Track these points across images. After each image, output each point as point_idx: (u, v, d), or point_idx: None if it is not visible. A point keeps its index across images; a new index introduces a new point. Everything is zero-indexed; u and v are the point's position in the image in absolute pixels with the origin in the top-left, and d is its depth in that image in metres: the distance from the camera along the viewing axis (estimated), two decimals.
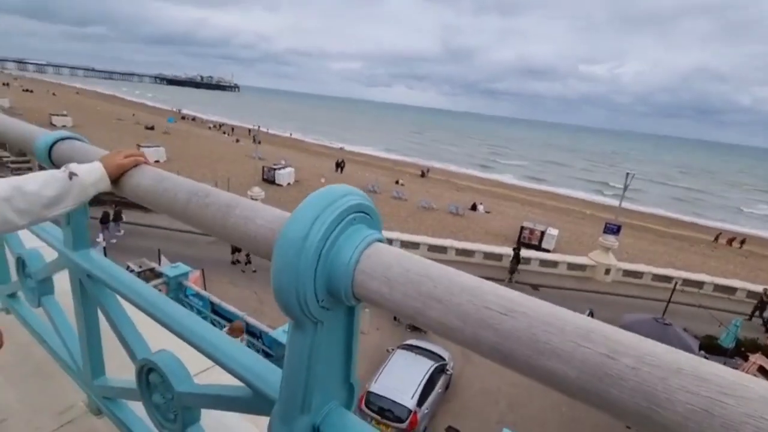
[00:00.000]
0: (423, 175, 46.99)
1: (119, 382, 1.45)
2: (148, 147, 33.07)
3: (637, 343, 0.44)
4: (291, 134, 77.95)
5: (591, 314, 13.53)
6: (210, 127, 69.09)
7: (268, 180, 30.29)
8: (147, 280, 13.15)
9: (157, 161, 32.50)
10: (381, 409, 8.62)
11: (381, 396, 8.76)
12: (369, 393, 8.90)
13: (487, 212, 32.17)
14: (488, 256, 20.13)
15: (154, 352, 1.18)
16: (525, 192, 48.53)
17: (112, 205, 17.85)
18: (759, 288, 19.54)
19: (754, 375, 7.73)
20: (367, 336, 12.54)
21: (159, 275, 11.60)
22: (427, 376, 9.31)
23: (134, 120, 57.50)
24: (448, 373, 10.45)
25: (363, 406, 8.75)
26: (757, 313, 17.30)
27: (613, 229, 19.66)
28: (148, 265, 14.86)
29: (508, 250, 19.77)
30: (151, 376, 1.18)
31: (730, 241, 34.34)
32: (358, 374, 0.81)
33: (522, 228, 24.62)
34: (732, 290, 19.26)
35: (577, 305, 15.68)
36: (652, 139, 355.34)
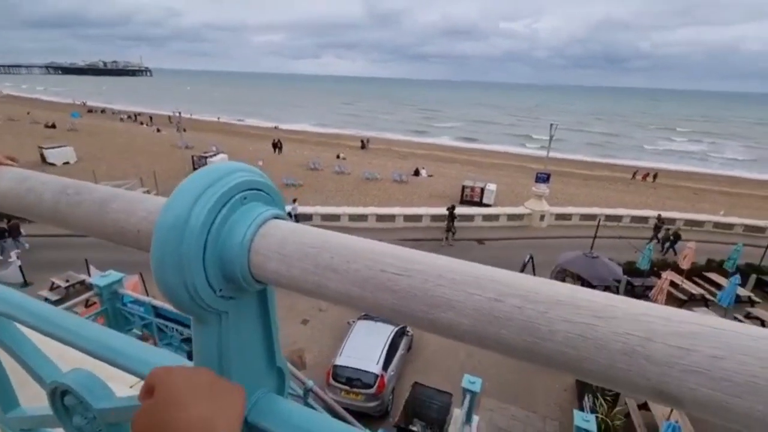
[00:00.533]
0: (363, 146, 46.64)
1: (35, 411, 1.32)
2: (53, 148, 29.22)
3: (522, 282, 0.45)
4: (219, 118, 72.80)
5: (531, 259, 14.69)
6: (123, 119, 62.38)
7: None
8: (77, 294, 11.98)
9: (66, 163, 28.95)
10: (349, 380, 8.84)
11: (347, 367, 8.97)
12: (335, 366, 9.06)
13: (430, 176, 32.95)
14: (410, 217, 20.57)
15: (66, 372, 1.07)
16: (462, 152, 50.21)
17: (2, 219, 15.85)
18: (668, 214, 22.35)
19: (667, 289, 8.88)
20: (326, 312, 12.61)
21: (90, 287, 10.61)
22: (389, 341, 9.65)
23: (30, 119, 50.12)
24: (408, 335, 10.91)
25: (331, 380, 8.92)
26: (655, 235, 19.79)
27: (543, 178, 21.11)
28: (76, 278, 13.48)
29: (440, 211, 20.26)
30: (66, 399, 1.07)
31: (644, 176, 38.72)
32: (283, 356, 0.78)
33: (463, 187, 25.63)
34: (645, 219, 21.83)
35: (518, 252, 16.91)
36: (569, 90, 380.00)
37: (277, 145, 40.48)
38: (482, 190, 24.85)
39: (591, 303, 0.41)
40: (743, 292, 13.88)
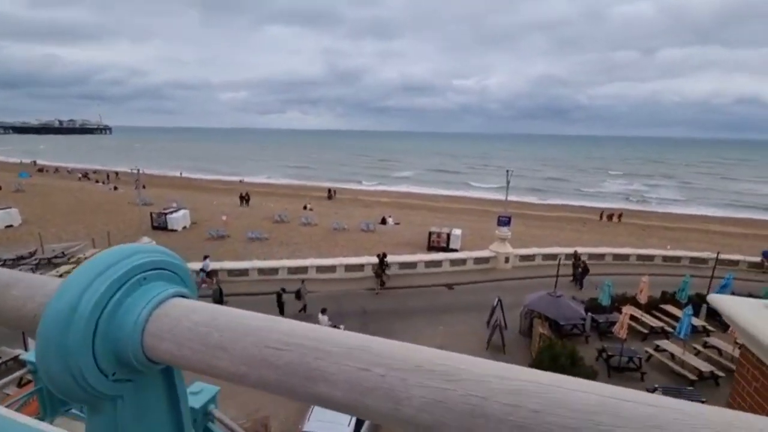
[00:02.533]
0: (330, 196, 47.03)
1: None
2: None
3: (390, 350, 0.49)
4: (181, 173, 71.64)
5: (500, 302, 14.81)
6: (80, 177, 59.97)
7: (159, 226, 27.26)
8: (9, 371, 10.64)
9: (9, 226, 26.98)
10: None
11: None
12: None
13: (397, 224, 33.39)
14: (352, 268, 20.22)
15: None
16: (427, 199, 51.67)
17: None
18: (622, 251, 23.61)
19: (628, 323, 9.10)
20: None
21: (24, 364, 9.49)
22: None
23: None
24: None
25: None
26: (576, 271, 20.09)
27: (505, 221, 21.96)
28: (9, 354, 12.09)
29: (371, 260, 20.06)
30: None
31: (609, 216, 40.78)
32: (191, 429, 0.75)
33: (430, 233, 26.07)
34: (601, 256, 22.90)
35: (486, 295, 17.06)
36: (519, 138, 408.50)
37: (244, 198, 40.01)
38: (448, 235, 25.36)
39: (444, 367, 0.46)
40: (698, 321, 14.54)
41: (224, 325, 0.55)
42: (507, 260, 21.70)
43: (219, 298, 15.52)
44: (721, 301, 3.26)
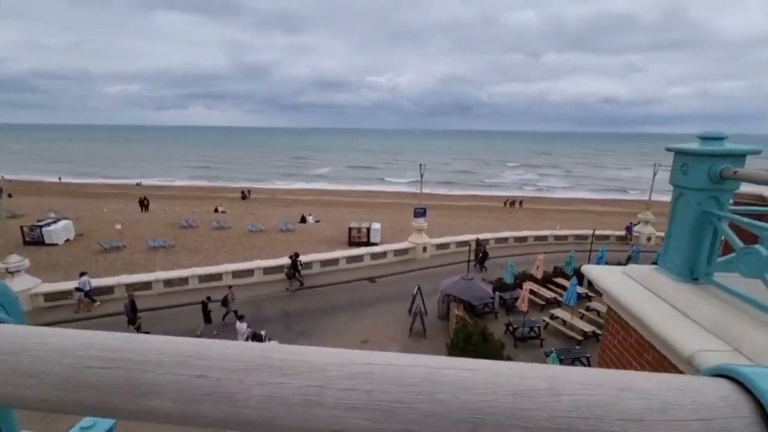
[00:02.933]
0: (244, 197, 44.46)
1: None
2: None
3: (229, 352, 0.48)
4: (60, 178, 61.44)
5: (419, 290, 15.51)
6: None
7: (35, 241, 23.13)
8: None
9: None
10: None
11: None
12: None
13: (317, 222, 32.90)
14: (272, 270, 19.12)
15: None
16: (345, 195, 51.79)
17: None
18: (521, 233, 26.33)
19: (528, 297, 10.21)
20: None
21: None
22: None
23: None
24: None
25: None
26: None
27: (420, 213, 23.00)
28: None
29: (277, 262, 19.26)
30: None
31: (512, 203, 45.05)
32: None
33: (350, 229, 26.19)
34: (505, 239, 25.34)
35: (406, 285, 17.75)
36: (430, 134, 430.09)
37: (143, 203, 35.82)
38: (368, 230, 25.75)
39: (284, 362, 0.46)
40: (581, 290, 16.93)
41: (32, 347, 0.49)
42: (425, 250, 22.80)
43: (132, 315, 13.71)
44: (590, 270, 3.84)
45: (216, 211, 35.39)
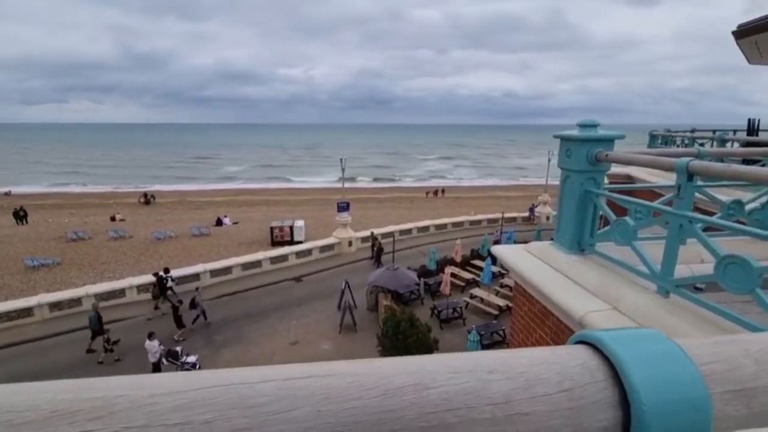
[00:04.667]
0: (147, 202, 39.95)
1: None
2: None
3: (14, 395, 0.36)
4: None
5: (347, 284, 15.49)
6: None
7: None
8: None
9: None
10: None
11: None
12: None
13: (235, 223, 30.93)
14: (186, 279, 17.60)
15: None
16: (265, 193, 49.50)
17: None
18: (440, 221, 27.70)
19: (450, 281, 10.81)
20: None
21: None
22: None
23: None
24: None
25: None
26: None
27: (344, 207, 22.90)
28: None
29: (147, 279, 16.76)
30: None
31: (435, 193, 47.00)
32: None
33: (272, 228, 25.10)
34: (426, 228, 26.50)
35: (334, 281, 17.61)
36: (350, 128, 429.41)
37: (19, 215, 30.12)
38: (291, 228, 24.93)
39: (90, 402, 0.37)
40: (495, 269, 18.43)
41: None
42: (350, 244, 22.80)
43: (97, 327, 12.87)
44: (497, 250, 4.15)
45: (113, 219, 31.28)
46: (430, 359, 0.42)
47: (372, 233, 22.84)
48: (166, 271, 16.40)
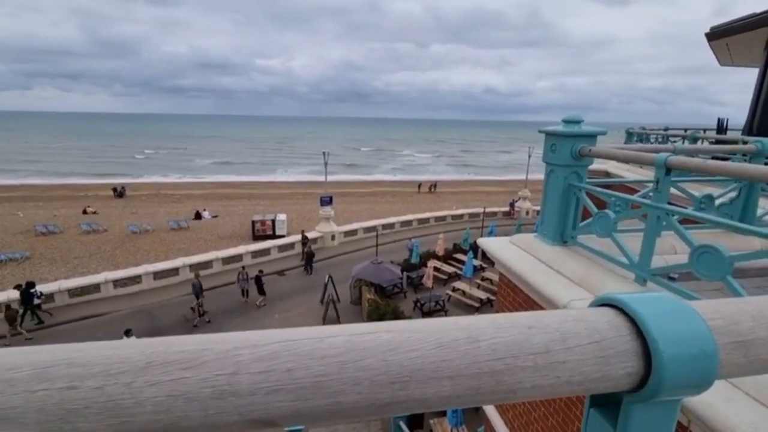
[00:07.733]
0: (120, 194, 38.63)
1: None
2: None
3: (107, 354, 0.39)
4: None
5: (330, 278, 15.41)
6: None
7: None
8: None
9: None
10: None
11: None
12: None
13: (215, 217, 30.35)
14: (164, 274, 17.25)
15: None
16: (246, 187, 48.61)
17: None
18: (423, 216, 27.90)
19: (433, 274, 10.98)
20: None
21: None
22: None
23: None
24: None
25: None
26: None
27: (326, 201, 22.79)
28: None
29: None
30: None
31: (429, 188, 46.77)
32: None
33: (253, 222, 24.76)
34: (409, 222, 26.67)
35: (317, 274, 17.57)
36: (330, 121, 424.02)
37: None
38: (273, 222, 24.65)
39: (182, 354, 0.39)
40: (477, 262, 18.79)
41: None
42: (333, 238, 22.75)
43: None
44: (483, 242, 4.26)
45: (85, 212, 30.15)
46: (476, 318, 0.47)
47: (303, 233, 21.00)
48: (31, 285, 14.13)
